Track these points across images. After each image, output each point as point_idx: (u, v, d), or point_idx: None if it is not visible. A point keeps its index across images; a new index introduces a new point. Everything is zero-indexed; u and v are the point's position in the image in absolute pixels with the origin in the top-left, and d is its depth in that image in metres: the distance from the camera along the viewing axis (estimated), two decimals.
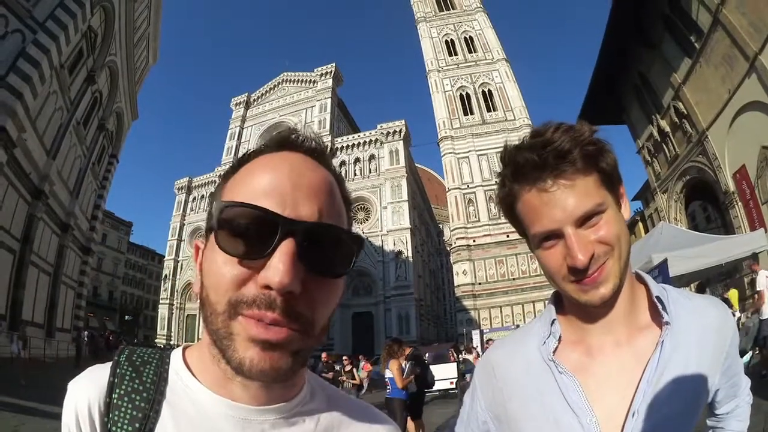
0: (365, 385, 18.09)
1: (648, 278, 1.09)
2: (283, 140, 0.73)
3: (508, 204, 1.05)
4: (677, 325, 1.00)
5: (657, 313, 1.02)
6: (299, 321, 0.62)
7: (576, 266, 0.93)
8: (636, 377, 0.98)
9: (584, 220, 0.94)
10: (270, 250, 0.60)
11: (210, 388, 0.70)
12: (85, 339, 30.25)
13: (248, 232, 0.61)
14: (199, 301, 0.68)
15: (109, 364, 0.72)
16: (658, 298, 1.02)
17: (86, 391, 0.69)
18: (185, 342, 7.85)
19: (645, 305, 1.06)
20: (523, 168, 0.98)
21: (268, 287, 0.59)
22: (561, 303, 1.14)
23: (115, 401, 0.67)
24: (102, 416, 0.67)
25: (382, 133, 62.73)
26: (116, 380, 0.69)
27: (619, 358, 1.02)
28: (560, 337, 1.09)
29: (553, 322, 1.10)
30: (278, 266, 0.58)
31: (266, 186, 0.64)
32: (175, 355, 0.76)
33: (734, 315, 15.07)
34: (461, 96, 58.31)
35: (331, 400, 0.81)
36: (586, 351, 1.06)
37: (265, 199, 0.62)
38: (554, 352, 1.07)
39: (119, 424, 0.66)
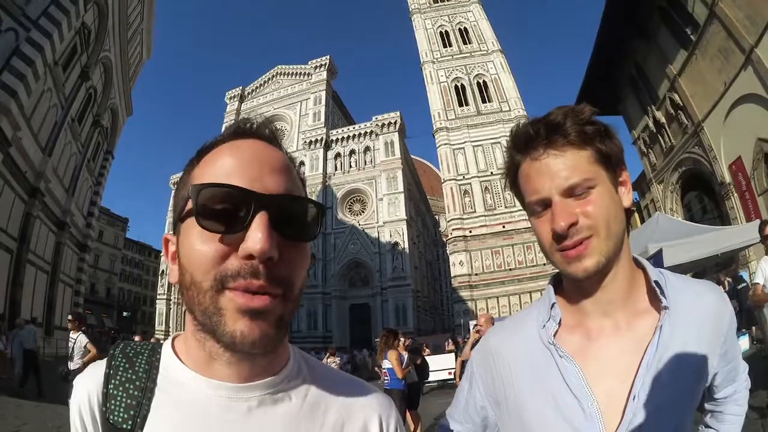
0: None
1: (646, 263, 1.10)
2: (238, 129, 0.78)
3: (511, 176, 1.10)
4: (675, 310, 1.01)
5: (655, 297, 1.03)
6: (281, 285, 0.67)
7: (556, 230, 0.96)
8: (635, 361, 0.99)
9: (572, 192, 0.97)
10: (247, 223, 0.65)
11: (196, 370, 0.73)
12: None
13: (224, 210, 0.66)
14: (179, 288, 0.71)
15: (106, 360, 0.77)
16: (656, 282, 1.04)
17: (86, 385, 0.74)
18: None
19: (644, 290, 1.08)
20: (519, 139, 1.05)
21: (249, 257, 0.63)
22: (560, 286, 1.16)
23: (111, 391, 0.72)
24: (100, 406, 0.72)
25: (377, 124, 62.64)
26: (111, 372, 0.74)
27: (618, 342, 1.03)
28: (560, 320, 1.10)
29: (552, 305, 1.12)
30: (257, 235, 0.63)
31: (234, 166, 0.69)
32: (166, 345, 0.80)
33: None
34: (456, 87, 58.08)
35: (317, 374, 0.84)
36: (586, 334, 1.07)
37: (236, 178, 0.67)
38: (554, 335, 1.08)
39: (116, 412, 0.70)
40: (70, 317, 9.72)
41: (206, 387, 0.72)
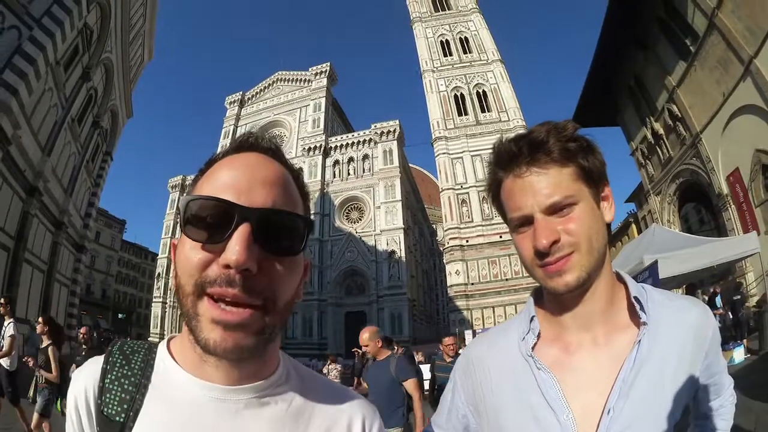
0: None
1: (628, 278, 1.12)
2: (241, 143, 0.82)
3: (494, 192, 1.12)
4: (655, 325, 1.02)
5: (636, 313, 1.04)
6: (260, 297, 0.69)
7: (538, 248, 0.98)
8: (613, 375, 1.00)
9: (554, 209, 0.98)
10: (228, 234, 0.68)
11: (188, 371, 0.77)
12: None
13: (209, 221, 0.70)
14: (174, 289, 0.76)
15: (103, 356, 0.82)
16: (636, 298, 1.05)
17: (84, 378, 0.78)
18: None
19: (624, 305, 1.09)
20: (502, 156, 1.06)
21: (227, 266, 0.66)
22: (541, 298, 1.18)
23: (107, 385, 0.76)
24: (96, 399, 0.76)
25: (376, 132, 62.58)
26: (108, 367, 0.78)
27: (596, 356, 1.04)
28: (539, 333, 1.11)
29: (532, 318, 1.13)
30: (235, 247, 0.66)
31: (225, 181, 0.73)
32: (162, 345, 0.84)
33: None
34: (456, 96, 58.07)
35: (305, 382, 0.88)
36: (565, 348, 1.08)
37: (224, 192, 0.71)
38: (533, 348, 1.10)
39: (110, 405, 0.74)
40: (1, 300, 8.72)
41: (197, 387, 0.76)
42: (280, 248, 0.72)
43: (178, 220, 0.74)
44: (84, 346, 8.13)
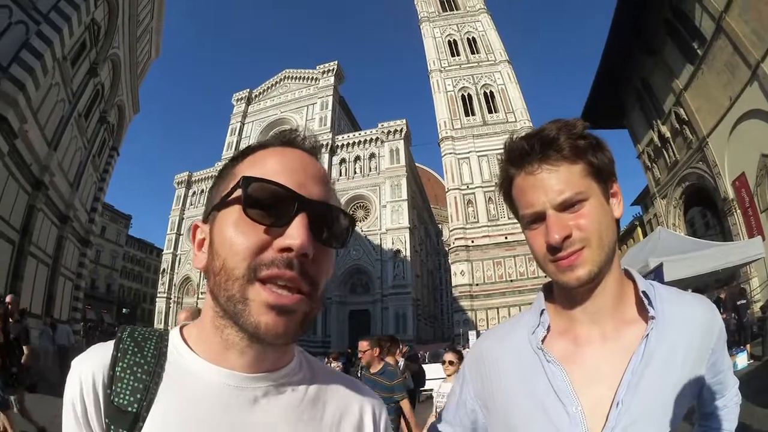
0: None
1: (636, 274, 1.12)
2: (288, 139, 0.83)
3: (505, 189, 1.14)
4: (663, 320, 1.03)
5: (644, 308, 1.05)
6: (309, 282, 0.71)
7: (550, 243, 0.99)
8: (621, 368, 1.01)
9: (566, 206, 1.00)
10: (288, 220, 0.70)
11: (206, 359, 0.76)
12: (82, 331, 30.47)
13: (269, 205, 0.70)
14: (207, 273, 0.75)
15: (112, 342, 0.77)
16: (644, 293, 1.06)
17: (91, 365, 0.73)
18: None
19: (632, 300, 1.10)
20: (514, 153, 1.08)
21: (285, 250, 0.68)
22: (551, 293, 1.18)
23: (118, 374, 0.72)
24: (105, 388, 0.71)
25: (383, 131, 62.52)
26: (119, 354, 0.74)
27: (605, 350, 1.05)
28: (549, 326, 1.12)
29: (542, 312, 1.14)
30: (298, 232, 0.68)
31: (282, 170, 0.74)
32: (174, 332, 0.82)
33: None
34: (463, 97, 58.12)
35: (317, 372, 0.89)
36: (574, 341, 1.09)
37: (283, 179, 0.72)
38: (543, 341, 1.10)
39: (122, 395, 0.71)
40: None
41: (215, 375, 0.75)
42: (328, 240, 0.75)
43: (220, 201, 0.75)
44: (10, 319, 8.11)
